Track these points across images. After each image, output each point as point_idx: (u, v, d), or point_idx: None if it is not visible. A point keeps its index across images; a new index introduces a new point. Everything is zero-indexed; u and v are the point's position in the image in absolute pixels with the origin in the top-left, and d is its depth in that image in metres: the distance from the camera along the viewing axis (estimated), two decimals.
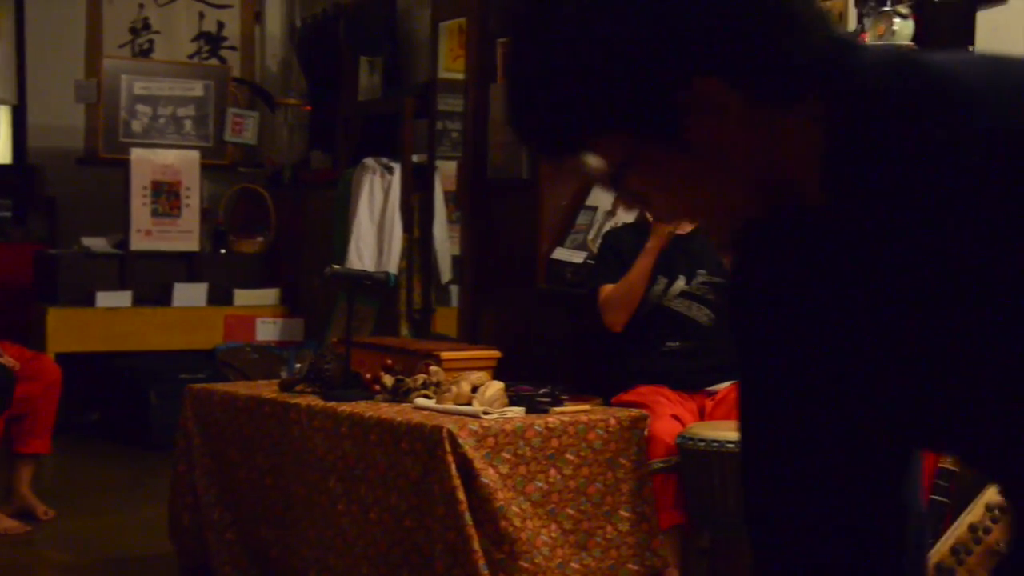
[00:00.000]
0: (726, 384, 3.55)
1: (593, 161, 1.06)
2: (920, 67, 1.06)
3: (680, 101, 1.02)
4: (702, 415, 3.50)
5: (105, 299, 6.01)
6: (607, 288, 3.65)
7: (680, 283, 3.63)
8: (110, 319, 6.01)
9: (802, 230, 1.10)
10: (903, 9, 3.65)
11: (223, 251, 6.52)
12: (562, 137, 1.06)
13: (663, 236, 3.55)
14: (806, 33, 1.03)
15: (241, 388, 3.72)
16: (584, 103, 1.03)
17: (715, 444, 3.17)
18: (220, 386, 3.83)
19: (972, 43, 3.72)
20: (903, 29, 3.63)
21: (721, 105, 1.02)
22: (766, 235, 1.13)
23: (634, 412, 3.31)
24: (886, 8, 3.69)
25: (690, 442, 3.22)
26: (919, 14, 3.67)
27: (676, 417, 3.36)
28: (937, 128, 1.01)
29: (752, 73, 1.02)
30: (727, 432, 3.21)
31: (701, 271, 3.64)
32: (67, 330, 5.91)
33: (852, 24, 4.13)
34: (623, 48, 1.00)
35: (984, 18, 3.75)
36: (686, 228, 3.52)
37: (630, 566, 3.17)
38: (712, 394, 3.56)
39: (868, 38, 3.70)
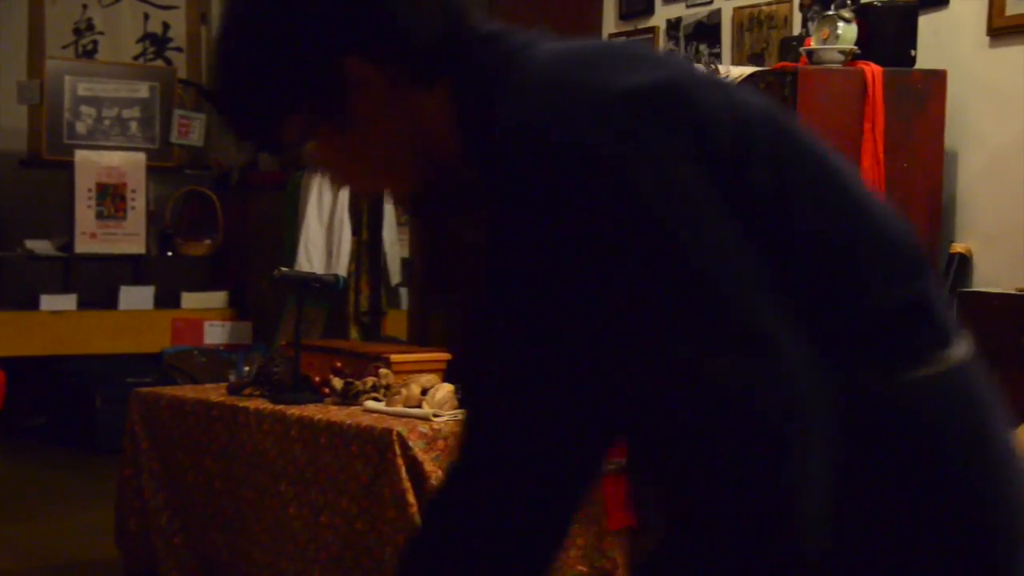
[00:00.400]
0: None
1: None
2: (520, 57, 1.14)
3: (335, 81, 1.15)
4: None
5: (49, 302, 5.94)
6: None
7: None
8: (55, 322, 5.94)
9: (459, 197, 1.24)
10: (847, 13, 3.70)
11: (170, 254, 6.47)
12: (251, 125, 1.23)
13: None
14: (434, 20, 1.15)
15: (189, 392, 3.70)
16: (258, 94, 1.19)
17: None
18: (168, 390, 3.80)
19: (914, 46, 3.78)
20: (847, 33, 3.69)
21: (367, 83, 1.15)
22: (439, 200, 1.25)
23: None
24: (830, 12, 3.74)
25: None
26: (862, 18, 3.72)
27: None
28: (490, 121, 1.11)
29: (387, 55, 1.15)
30: None
31: None
32: (11, 334, 5.84)
33: (797, 28, 4.19)
34: (280, 41, 1.15)
35: (926, 21, 3.81)
36: None
37: (579, 568, 3.18)
38: None
39: (813, 42, 3.75)
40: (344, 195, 5.79)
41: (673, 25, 4.60)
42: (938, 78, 3.73)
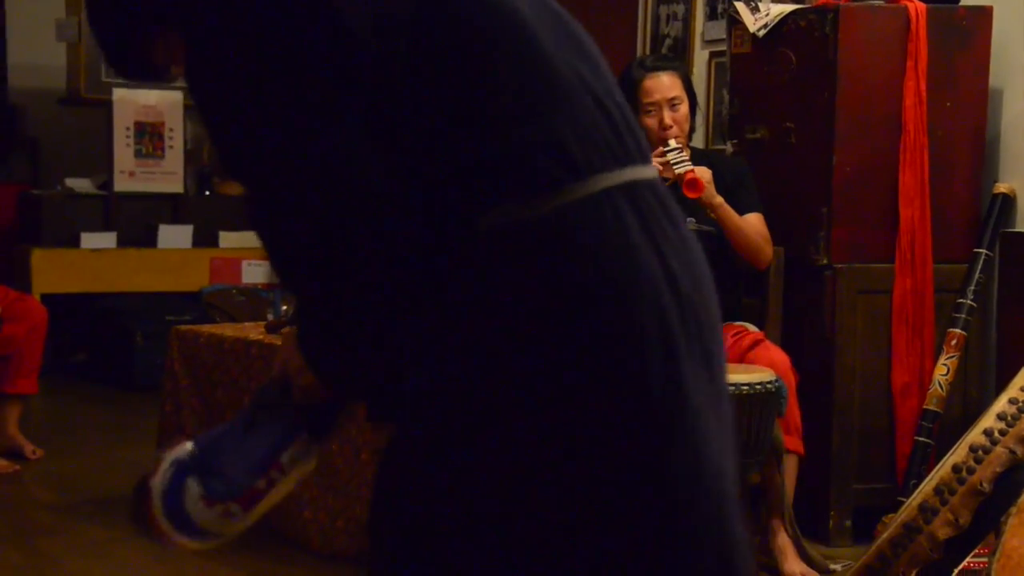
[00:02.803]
0: None
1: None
2: None
3: None
4: None
5: (90, 240, 5.99)
6: None
7: None
8: (95, 260, 5.99)
9: None
10: None
11: (207, 193, 6.50)
12: (121, 42, 1.43)
13: None
14: None
15: (228, 330, 3.73)
16: (120, 8, 1.40)
17: None
18: (207, 328, 3.83)
19: None
20: None
21: None
22: None
23: None
24: None
25: None
26: None
27: None
28: None
29: None
30: None
31: (691, 219, 3.60)
32: (52, 271, 5.90)
33: None
34: None
35: None
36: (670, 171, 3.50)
37: None
38: None
39: None
40: None
41: None
42: (983, 14, 3.67)
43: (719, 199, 3.48)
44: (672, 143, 3.49)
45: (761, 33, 3.76)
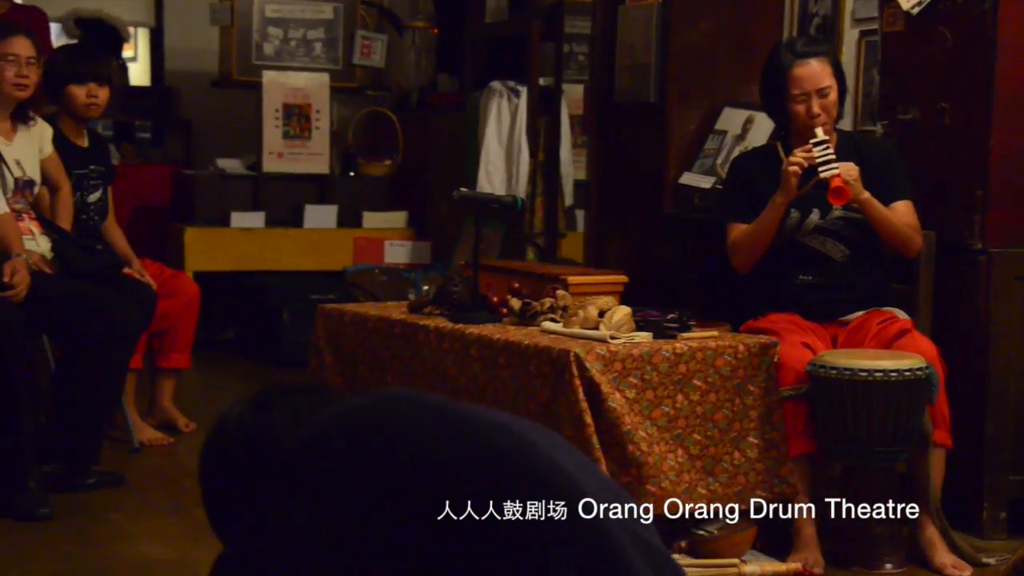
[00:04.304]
0: (860, 313, 3.47)
1: None
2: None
3: None
4: (834, 344, 3.44)
5: (239, 219, 6.15)
6: (736, 229, 3.57)
7: (814, 217, 3.50)
8: (244, 239, 6.15)
9: None
10: None
11: (352, 174, 6.61)
12: (219, 511, 1.78)
13: (791, 192, 3.42)
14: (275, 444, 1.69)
15: (371, 309, 3.78)
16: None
17: (847, 372, 3.13)
18: (351, 306, 3.89)
19: None
20: None
21: None
22: None
23: (763, 339, 3.28)
24: None
25: (821, 369, 3.18)
26: None
27: (807, 345, 3.31)
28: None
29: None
30: (859, 360, 3.16)
31: (837, 208, 3.50)
32: (203, 249, 6.07)
33: None
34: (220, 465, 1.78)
35: None
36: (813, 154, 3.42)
37: (759, 492, 3.16)
38: (845, 324, 3.49)
39: None
40: (522, 116, 5.79)
41: None
42: None
43: (865, 195, 3.39)
44: (819, 133, 3.41)
45: (915, 11, 3.64)
